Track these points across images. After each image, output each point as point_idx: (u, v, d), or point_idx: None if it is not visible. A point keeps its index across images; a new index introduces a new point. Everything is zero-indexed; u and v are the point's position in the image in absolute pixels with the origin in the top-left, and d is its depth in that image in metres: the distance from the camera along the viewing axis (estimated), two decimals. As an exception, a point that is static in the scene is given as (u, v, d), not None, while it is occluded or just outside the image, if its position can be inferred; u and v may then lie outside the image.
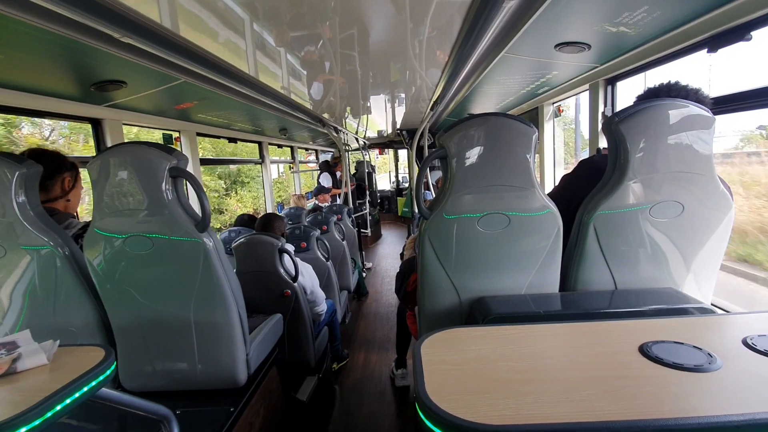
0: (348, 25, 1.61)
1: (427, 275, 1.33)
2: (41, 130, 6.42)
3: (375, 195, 9.03)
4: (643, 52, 1.74)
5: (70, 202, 1.64)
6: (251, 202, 10.85)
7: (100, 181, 1.36)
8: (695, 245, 1.25)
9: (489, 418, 0.60)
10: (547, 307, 1.21)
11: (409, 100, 3.64)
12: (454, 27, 1.58)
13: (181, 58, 1.49)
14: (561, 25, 1.51)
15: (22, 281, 1.43)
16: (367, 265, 6.06)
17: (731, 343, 0.75)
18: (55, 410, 0.77)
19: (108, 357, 0.92)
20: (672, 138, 1.15)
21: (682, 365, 0.68)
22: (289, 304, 2.34)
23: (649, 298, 1.20)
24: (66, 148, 6.45)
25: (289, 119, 3.61)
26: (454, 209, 1.25)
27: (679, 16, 1.39)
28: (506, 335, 0.86)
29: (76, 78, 1.79)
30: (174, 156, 1.35)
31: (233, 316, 1.51)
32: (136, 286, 1.45)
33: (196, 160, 3.30)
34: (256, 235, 2.32)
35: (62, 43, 1.34)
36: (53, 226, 1.41)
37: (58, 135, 6.67)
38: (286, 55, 1.96)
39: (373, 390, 2.84)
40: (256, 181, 10.94)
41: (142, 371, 1.56)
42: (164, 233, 1.37)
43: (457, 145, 1.22)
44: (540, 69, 2.23)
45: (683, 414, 0.57)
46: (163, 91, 2.11)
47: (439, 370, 0.73)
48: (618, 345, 0.78)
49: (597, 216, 1.22)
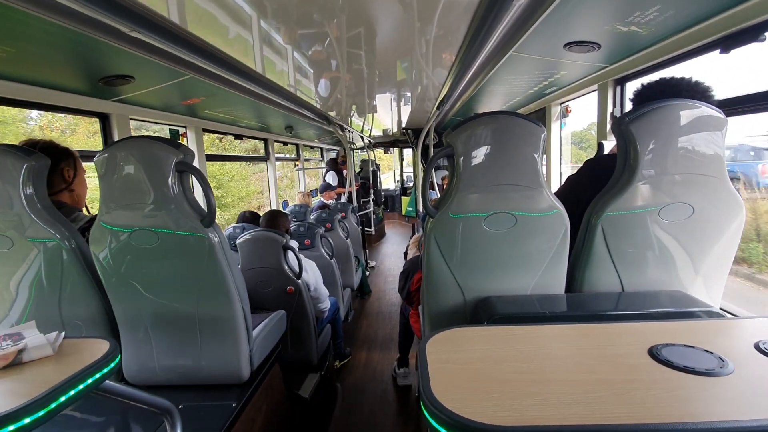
0: (355, 24, 1.61)
1: (432, 274, 1.32)
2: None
3: (379, 194, 9.03)
4: (654, 53, 1.72)
5: (75, 192, 1.62)
6: (234, 202, 11.02)
7: (107, 175, 1.36)
8: (704, 248, 1.23)
9: (494, 418, 0.59)
10: (553, 308, 1.20)
11: (415, 100, 3.63)
12: (462, 26, 1.57)
13: (188, 54, 1.49)
14: (570, 24, 1.50)
15: (28, 273, 1.44)
16: (371, 264, 6.07)
17: (743, 347, 0.74)
18: (59, 401, 0.77)
19: (112, 350, 0.93)
20: (683, 139, 1.13)
21: (693, 369, 0.67)
22: (293, 300, 2.34)
23: (657, 301, 1.18)
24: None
25: (295, 116, 3.61)
26: (460, 208, 1.24)
27: (692, 15, 1.37)
28: (512, 335, 0.85)
29: (85, 72, 1.80)
30: (180, 151, 1.35)
31: (237, 312, 1.51)
32: (142, 280, 1.45)
33: (202, 155, 3.31)
34: (261, 231, 2.32)
35: (71, 37, 1.34)
36: (60, 219, 1.41)
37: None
38: (293, 52, 1.95)
39: (375, 388, 2.84)
40: (241, 183, 11.08)
41: (146, 365, 1.57)
42: (170, 228, 1.37)
43: (465, 144, 1.21)
44: (548, 69, 2.21)
45: (693, 419, 0.56)
46: (171, 86, 2.12)
47: (445, 370, 0.72)
48: (626, 347, 0.77)
49: (605, 217, 1.21)
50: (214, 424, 1.40)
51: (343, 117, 4.33)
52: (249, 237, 2.31)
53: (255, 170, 11.92)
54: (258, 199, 11.76)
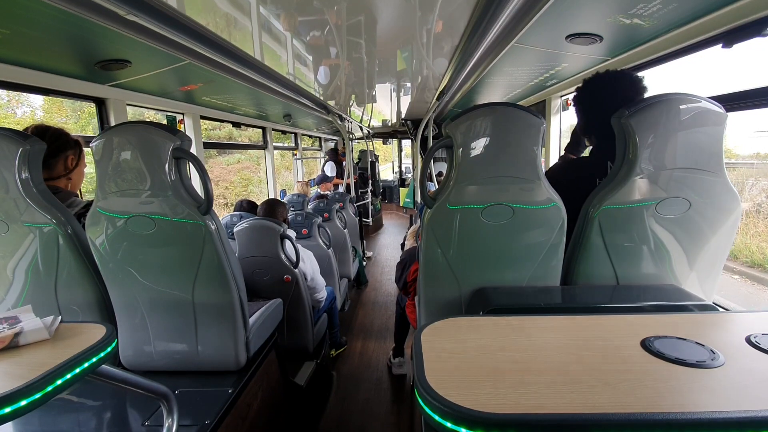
0: (356, 12, 1.59)
1: (429, 264, 1.33)
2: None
3: (378, 185, 9.02)
4: (656, 46, 1.70)
5: (72, 180, 1.63)
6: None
7: (104, 160, 1.35)
8: (700, 243, 1.24)
9: (488, 406, 0.59)
10: (548, 300, 1.20)
11: (415, 90, 3.60)
12: (464, 15, 1.55)
13: (186, 39, 1.47)
14: (573, 15, 1.48)
15: (24, 258, 1.43)
16: (368, 255, 6.08)
17: (734, 340, 0.74)
18: (55, 384, 0.78)
19: (109, 334, 0.93)
20: (682, 133, 1.13)
21: (684, 361, 0.68)
22: (290, 289, 2.35)
23: (651, 294, 1.19)
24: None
25: (293, 105, 3.58)
26: (457, 199, 1.24)
27: (696, 8, 1.36)
28: (507, 326, 0.86)
29: (80, 55, 1.77)
30: (178, 137, 1.34)
31: (234, 299, 1.51)
32: (138, 266, 1.45)
33: (199, 142, 3.28)
34: (259, 220, 2.32)
35: (66, 18, 1.32)
36: (56, 204, 1.40)
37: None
38: (293, 39, 1.93)
39: (370, 377, 2.86)
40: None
41: (142, 351, 1.58)
42: (167, 215, 1.37)
43: (464, 135, 1.20)
44: (549, 61, 2.19)
45: (683, 409, 0.57)
46: (168, 71, 2.09)
47: (439, 358, 0.73)
48: (619, 339, 0.78)
49: (602, 211, 1.21)
50: (210, 409, 1.41)
51: (342, 106, 4.30)
52: (246, 225, 2.31)
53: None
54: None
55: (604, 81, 1.38)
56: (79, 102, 2.29)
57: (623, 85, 1.33)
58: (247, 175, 12.12)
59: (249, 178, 12.08)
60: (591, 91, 1.41)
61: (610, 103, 1.24)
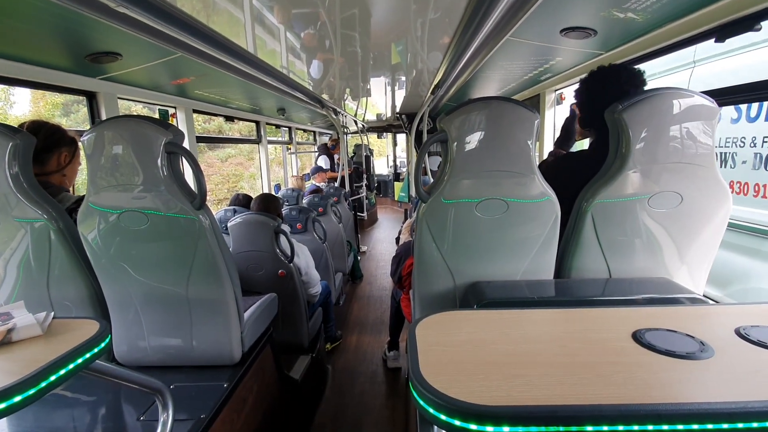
0: (350, 5, 1.57)
1: (424, 258, 1.33)
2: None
3: (372, 179, 9.00)
4: (650, 40, 1.71)
5: (66, 176, 1.61)
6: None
7: (95, 155, 1.34)
8: (691, 236, 1.26)
9: (481, 398, 0.60)
10: (542, 294, 1.21)
11: (409, 84, 3.59)
12: (458, 9, 1.55)
13: (177, 31, 1.45)
14: (567, 9, 1.48)
15: (16, 254, 1.42)
16: (363, 249, 6.09)
17: (724, 332, 0.76)
18: (49, 380, 0.77)
19: (102, 330, 0.92)
20: (675, 128, 1.14)
21: (675, 352, 0.69)
22: (284, 284, 2.34)
23: (643, 287, 1.21)
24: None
25: (287, 99, 3.56)
26: (452, 193, 1.24)
27: (689, 3, 1.37)
28: (500, 319, 0.86)
29: (70, 48, 1.74)
30: (170, 131, 1.32)
31: (228, 294, 1.51)
32: (131, 261, 1.44)
33: (192, 137, 3.25)
34: (253, 214, 2.31)
35: (55, 11, 1.29)
36: (47, 198, 1.39)
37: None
38: (286, 32, 1.91)
39: (365, 371, 2.88)
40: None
41: (136, 346, 1.57)
42: (160, 209, 1.36)
43: (458, 129, 1.20)
44: (544, 55, 2.19)
45: (674, 400, 0.58)
46: (160, 64, 2.07)
47: (434, 351, 0.73)
48: (611, 332, 0.79)
49: (595, 204, 1.22)
50: (205, 403, 1.41)
51: (336, 100, 4.27)
52: (240, 220, 2.30)
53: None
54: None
55: (607, 74, 1.37)
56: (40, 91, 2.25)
57: (626, 79, 1.32)
58: (239, 170, 12.04)
59: (240, 173, 12.00)
60: (594, 84, 1.40)
61: (612, 97, 1.24)
